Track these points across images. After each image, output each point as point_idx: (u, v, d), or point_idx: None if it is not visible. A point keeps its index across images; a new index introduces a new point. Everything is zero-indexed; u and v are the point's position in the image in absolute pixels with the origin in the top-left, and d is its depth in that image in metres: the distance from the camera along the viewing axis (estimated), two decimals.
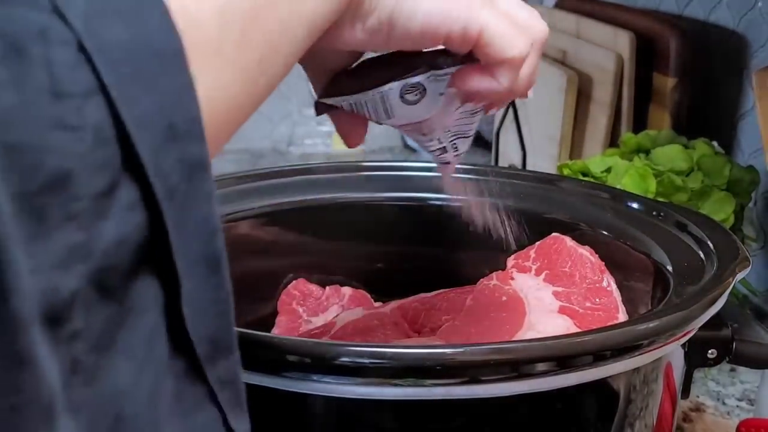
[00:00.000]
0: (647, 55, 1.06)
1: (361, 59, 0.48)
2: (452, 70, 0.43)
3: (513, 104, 1.25)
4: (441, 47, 0.43)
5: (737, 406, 0.81)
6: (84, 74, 0.23)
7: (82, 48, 0.23)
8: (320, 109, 0.48)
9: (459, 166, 0.76)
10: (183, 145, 0.25)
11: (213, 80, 0.29)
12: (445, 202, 0.74)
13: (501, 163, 1.35)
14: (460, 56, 0.43)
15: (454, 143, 0.51)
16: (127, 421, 0.24)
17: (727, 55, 1.06)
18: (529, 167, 1.24)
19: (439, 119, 0.48)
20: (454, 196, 0.59)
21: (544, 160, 1.21)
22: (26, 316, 0.21)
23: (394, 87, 0.43)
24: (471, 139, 0.52)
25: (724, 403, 0.81)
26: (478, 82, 0.42)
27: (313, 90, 0.49)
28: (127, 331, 0.25)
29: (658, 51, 1.06)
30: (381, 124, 0.49)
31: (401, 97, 0.44)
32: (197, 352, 0.27)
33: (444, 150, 0.51)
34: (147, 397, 0.25)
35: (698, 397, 0.81)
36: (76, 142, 0.23)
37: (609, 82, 1.07)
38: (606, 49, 1.09)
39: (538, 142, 1.22)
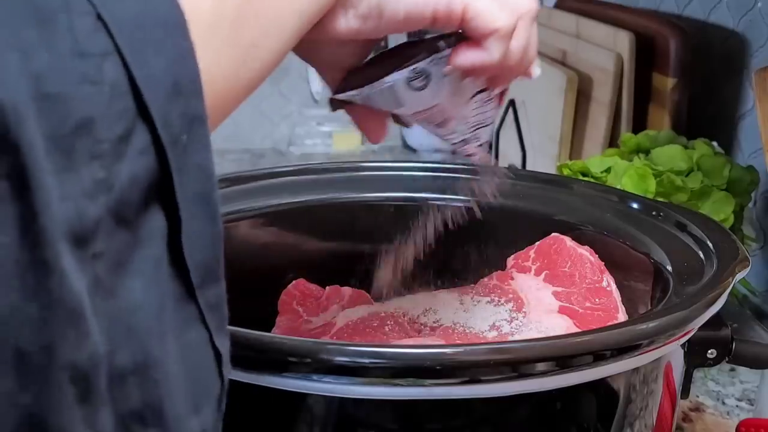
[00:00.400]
0: (647, 55, 1.06)
1: (370, 56, 0.50)
2: (448, 52, 0.45)
3: (513, 104, 1.25)
4: (440, 33, 0.45)
5: (737, 406, 0.81)
6: (102, 38, 0.27)
7: (99, 17, 0.27)
8: (335, 105, 0.50)
9: (459, 165, 0.77)
10: (186, 101, 0.29)
11: (209, 55, 0.33)
12: (445, 202, 0.74)
13: (501, 163, 1.35)
14: (457, 38, 0.45)
15: (476, 134, 0.53)
16: (136, 330, 0.28)
17: (727, 55, 1.06)
18: (529, 167, 1.24)
19: (453, 107, 0.49)
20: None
21: (544, 160, 1.21)
22: (53, 231, 0.25)
23: (399, 76, 0.45)
24: (492, 127, 0.54)
25: (723, 403, 0.81)
26: (471, 55, 0.45)
27: (327, 88, 0.51)
28: (138, 255, 0.29)
29: (658, 51, 1.06)
30: (399, 123, 0.51)
31: (408, 84, 0.46)
32: (192, 278, 0.30)
33: (466, 142, 0.53)
34: (153, 311, 0.29)
35: (698, 397, 0.81)
36: (98, 94, 0.27)
37: (609, 82, 1.07)
38: (606, 49, 1.09)
39: (538, 142, 1.22)
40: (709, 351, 0.56)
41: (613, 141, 1.09)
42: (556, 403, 0.49)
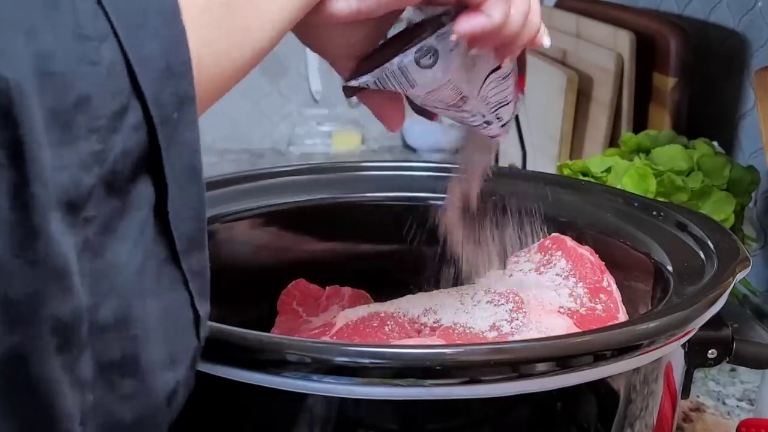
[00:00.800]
0: (647, 55, 1.06)
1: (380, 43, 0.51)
2: (452, 25, 0.45)
3: None
4: (443, 11, 0.46)
5: (737, 406, 0.81)
6: (101, 22, 0.29)
7: (99, 2, 0.29)
8: (348, 92, 0.51)
9: (458, 166, 0.77)
10: (176, 82, 0.31)
11: (201, 38, 0.34)
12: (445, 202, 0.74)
13: (501, 163, 1.35)
14: (458, 13, 0.45)
15: (497, 113, 0.53)
16: (119, 288, 0.31)
17: (728, 55, 1.06)
18: (529, 167, 1.24)
19: (467, 84, 0.49)
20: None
21: (544, 159, 1.20)
22: (44, 199, 0.28)
23: (408, 55, 0.46)
24: (513, 105, 0.54)
25: (724, 403, 0.81)
26: (472, 21, 0.44)
27: (340, 77, 0.51)
28: (125, 221, 0.31)
29: (659, 51, 1.06)
30: (422, 114, 0.52)
31: (417, 62, 0.46)
32: (176, 245, 0.33)
33: (488, 123, 0.54)
34: (135, 271, 0.32)
35: (698, 397, 0.81)
36: (96, 74, 0.29)
37: (609, 82, 1.07)
38: (606, 48, 1.09)
39: (538, 142, 1.22)
40: (710, 351, 0.56)
41: (613, 141, 1.09)
42: (557, 404, 0.48)
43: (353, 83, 0.49)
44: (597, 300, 0.61)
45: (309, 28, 0.46)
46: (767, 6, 1.00)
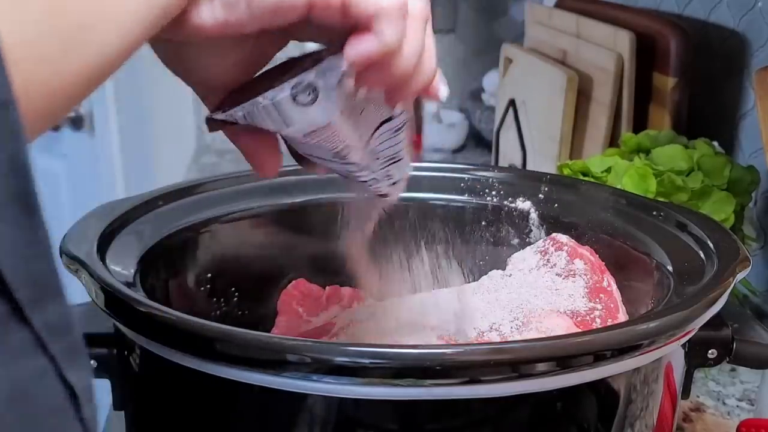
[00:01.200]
0: (647, 55, 1.06)
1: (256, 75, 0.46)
2: (336, 59, 0.41)
3: (513, 104, 1.25)
4: (327, 47, 0.42)
5: (737, 406, 0.81)
6: None
7: None
8: (213, 126, 0.46)
9: (459, 165, 0.77)
10: None
11: (23, 33, 0.29)
12: (445, 202, 0.74)
13: (501, 163, 1.35)
14: (341, 46, 0.41)
15: (387, 171, 0.49)
16: None
17: (728, 54, 1.06)
18: (529, 167, 1.24)
19: (350, 131, 0.45)
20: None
21: (544, 160, 1.20)
22: None
23: (284, 89, 0.41)
24: (404, 163, 0.50)
25: (724, 403, 0.81)
26: (363, 43, 0.40)
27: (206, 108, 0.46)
28: None
29: (659, 51, 1.06)
30: (302, 163, 0.47)
31: (294, 99, 0.41)
32: (17, 297, 0.25)
33: (377, 180, 0.49)
34: None
35: (698, 397, 0.81)
36: None
37: (609, 82, 1.07)
38: (606, 48, 1.09)
39: (538, 142, 1.22)
40: (710, 351, 0.56)
41: (613, 141, 1.09)
42: (557, 404, 0.48)
43: (219, 116, 0.44)
44: (597, 300, 0.61)
45: (174, 49, 0.43)
46: (767, 6, 0.99)
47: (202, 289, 0.67)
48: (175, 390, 0.52)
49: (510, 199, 0.73)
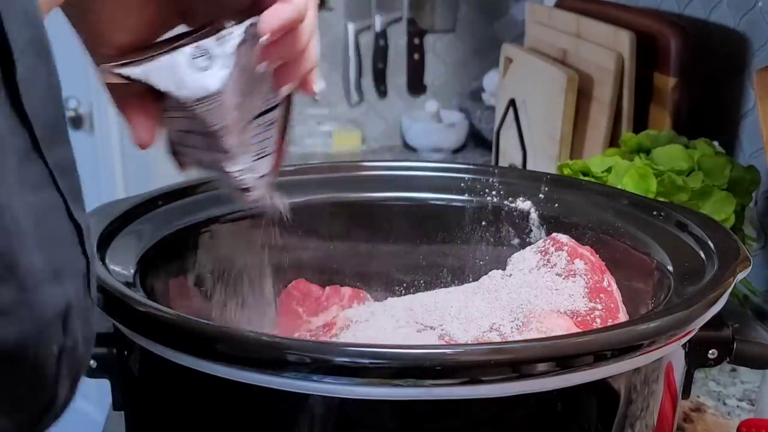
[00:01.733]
0: (648, 55, 1.06)
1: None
2: (237, 28, 0.43)
3: (513, 104, 1.25)
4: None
5: (738, 406, 0.81)
6: None
7: None
8: (108, 77, 0.46)
9: (459, 165, 0.77)
10: None
11: None
12: (445, 202, 0.74)
13: (501, 163, 1.35)
14: (245, 17, 0.43)
15: (255, 164, 0.50)
16: None
17: (728, 54, 1.06)
18: (529, 167, 1.24)
19: (235, 107, 0.46)
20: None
21: (544, 159, 1.20)
22: None
23: (183, 52, 0.43)
24: (270, 158, 0.51)
25: (724, 404, 0.81)
26: (280, 10, 0.43)
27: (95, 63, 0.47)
28: None
29: (659, 50, 1.06)
30: (172, 149, 0.49)
31: (191, 61, 0.43)
32: (35, 130, 0.29)
33: (243, 172, 0.50)
34: None
35: (699, 397, 0.81)
36: None
37: (609, 81, 1.07)
38: (606, 48, 1.09)
39: (539, 142, 1.22)
40: (710, 351, 0.56)
41: (613, 141, 1.09)
42: (557, 404, 0.48)
43: (118, 70, 0.44)
44: (597, 300, 0.61)
45: None
46: (767, 6, 0.99)
47: (202, 289, 0.67)
48: (175, 390, 0.52)
49: (510, 199, 0.73)
